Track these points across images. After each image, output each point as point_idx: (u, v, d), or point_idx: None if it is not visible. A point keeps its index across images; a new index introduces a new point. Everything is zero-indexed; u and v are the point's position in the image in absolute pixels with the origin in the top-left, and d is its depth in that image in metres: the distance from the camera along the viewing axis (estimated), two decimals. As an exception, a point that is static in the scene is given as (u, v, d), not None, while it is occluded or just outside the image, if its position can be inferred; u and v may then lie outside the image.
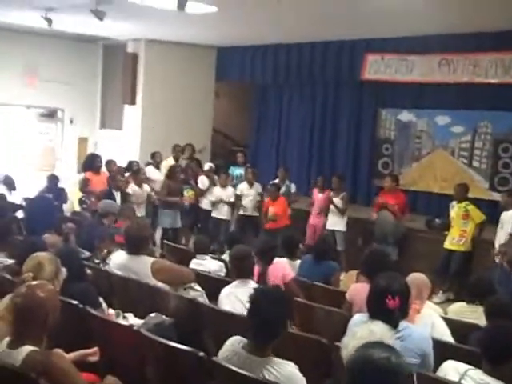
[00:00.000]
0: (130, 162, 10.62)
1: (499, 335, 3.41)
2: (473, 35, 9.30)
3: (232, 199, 10.36)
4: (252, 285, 4.72)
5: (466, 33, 9.27)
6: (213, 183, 10.48)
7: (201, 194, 10.49)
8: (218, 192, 10.35)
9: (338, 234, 9.49)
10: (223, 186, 10.39)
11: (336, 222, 9.56)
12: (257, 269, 5.36)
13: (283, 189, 10.15)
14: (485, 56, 9.35)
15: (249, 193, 10.33)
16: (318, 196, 9.95)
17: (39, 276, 3.70)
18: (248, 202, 10.29)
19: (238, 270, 4.85)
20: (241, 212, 10.39)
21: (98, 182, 9.59)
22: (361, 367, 2.25)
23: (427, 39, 9.81)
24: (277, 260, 5.79)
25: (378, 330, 3.19)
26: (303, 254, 6.99)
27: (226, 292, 4.78)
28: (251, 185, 10.37)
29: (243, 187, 10.41)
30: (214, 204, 10.35)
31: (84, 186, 9.61)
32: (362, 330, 3.20)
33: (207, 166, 11.03)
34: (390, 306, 3.51)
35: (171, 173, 10.05)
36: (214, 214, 10.41)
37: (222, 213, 10.37)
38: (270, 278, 5.47)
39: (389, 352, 2.29)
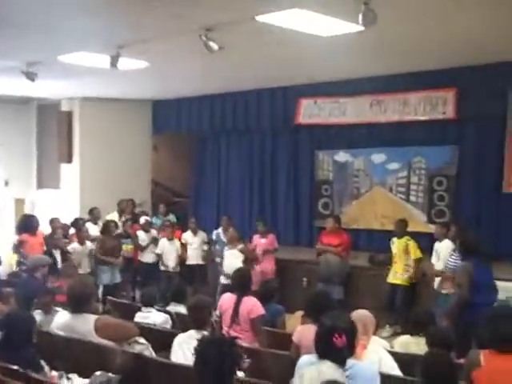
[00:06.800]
0: (76, 220, 10.42)
1: (434, 365, 3.49)
2: (400, 76, 9.59)
3: (179, 251, 10.23)
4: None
5: (393, 74, 9.55)
6: (153, 238, 10.39)
7: (141, 248, 10.39)
8: (165, 244, 10.22)
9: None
10: (170, 239, 10.25)
11: None
12: (233, 297, 5.60)
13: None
14: (413, 95, 9.71)
15: (193, 241, 10.28)
16: (259, 241, 9.80)
17: None
18: (192, 250, 10.23)
19: (195, 320, 4.81)
20: (186, 262, 10.29)
21: (34, 244, 9.13)
22: None
23: (358, 82, 10.08)
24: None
25: (327, 370, 3.20)
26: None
27: (178, 341, 4.72)
28: (195, 233, 10.34)
29: (187, 236, 10.36)
30: (160, 256, 10.20)
31: (18, 247, 9.31)
32: (311, 372, 3.20)
33: (143, 219, 10.90)
34: (338, 345, 3.51)
35: (105, 229, 9.91)
36: (162, 268, 10.22)
37: (170, 266, 10.17)
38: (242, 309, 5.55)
39: None
